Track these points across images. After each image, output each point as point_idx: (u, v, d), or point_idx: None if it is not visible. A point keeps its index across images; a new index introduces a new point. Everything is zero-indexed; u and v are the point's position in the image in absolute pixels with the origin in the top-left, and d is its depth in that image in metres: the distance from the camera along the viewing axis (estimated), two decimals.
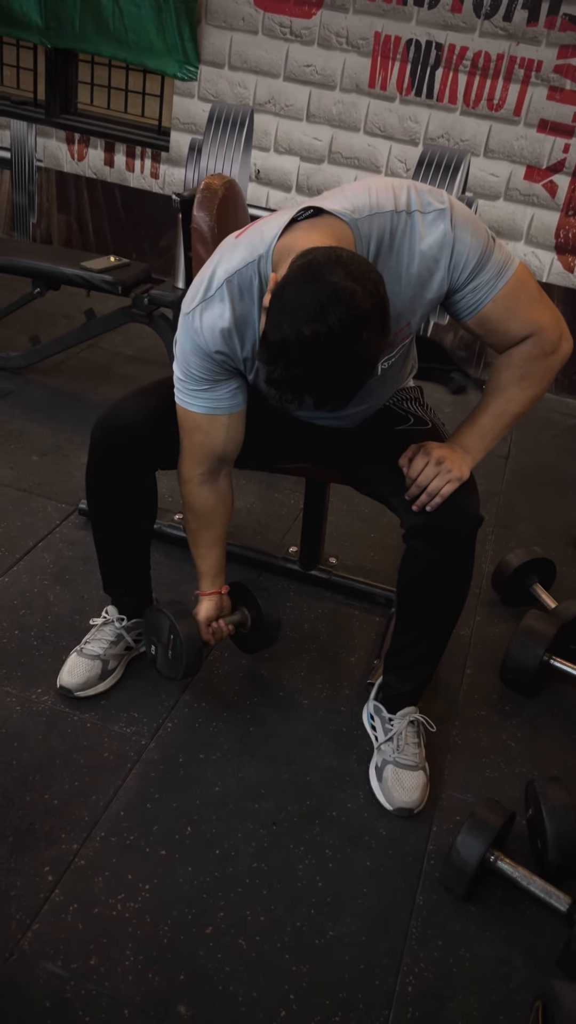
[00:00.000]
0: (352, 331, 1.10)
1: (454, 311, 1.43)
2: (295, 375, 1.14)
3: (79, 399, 2.89)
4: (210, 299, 1.36)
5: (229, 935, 1.33)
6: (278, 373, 1.15)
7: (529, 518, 2.64)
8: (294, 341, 1.11)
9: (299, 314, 1.10)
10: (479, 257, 1.35)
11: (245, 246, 1.35)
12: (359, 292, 1.11)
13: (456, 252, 1.33)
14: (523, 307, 1.42)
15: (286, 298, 1.13)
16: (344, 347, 1.11)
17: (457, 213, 1.33)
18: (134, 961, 1.27)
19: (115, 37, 3.51)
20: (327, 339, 1.10)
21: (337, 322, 1.09)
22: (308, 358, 1.12)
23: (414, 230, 1.31)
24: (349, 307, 1.10)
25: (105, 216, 3.93)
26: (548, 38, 3.07)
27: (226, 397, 1.45)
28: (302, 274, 1.13)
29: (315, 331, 1.09)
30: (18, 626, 1.87)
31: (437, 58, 3.22)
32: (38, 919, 1.30)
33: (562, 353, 1.47)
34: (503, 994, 1.31)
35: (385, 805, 1.57)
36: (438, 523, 1.45)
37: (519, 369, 1.46)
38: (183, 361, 1.43)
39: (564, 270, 3.36)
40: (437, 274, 1.34)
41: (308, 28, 3.32)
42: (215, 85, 3.53)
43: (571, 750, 1.79)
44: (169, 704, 1.73)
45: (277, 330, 1.13)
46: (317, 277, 1.12)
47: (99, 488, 1.61)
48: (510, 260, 1.39)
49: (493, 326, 1.43)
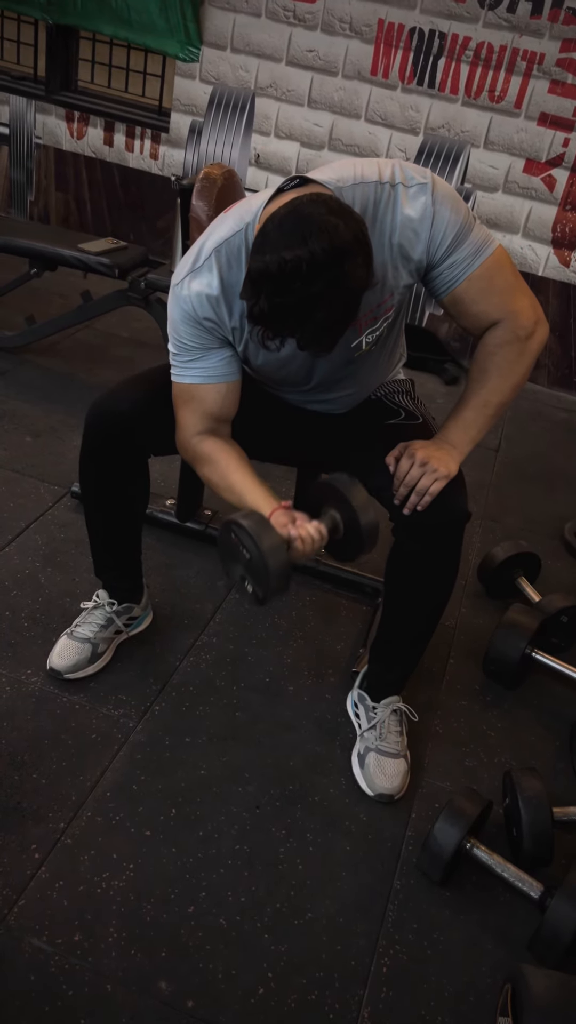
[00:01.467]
0: (333, 260, 1.11)
1: (432, 287, 1.45)
2: (276, 305, 1.14)
3: (73, 380, 2.89)
4: (198, 269, 1.37)
5: (210, 914, 1.37)
6: (260, 305, 1.16)
7: (517, 511, 2.67)
8: (275, 268, 1.12)
9: (281, 243, 1.12)
10: (457, 232, 1.37)
11: (233, 217, 1.38)
12: (341, 225, 1.13)
13: (435, 225, 1.35)
14: (498, 289, 1.44)
15: (267, 231, 1.15)
16: (325, 275, 1.12)
17: (439, 188, 1.35)
18: (117, 937, 1.31)
19: (117, 15, 3.48)
20: (308, 266, 1.11)
21: (319, 249, 1.11)
22: (289, 285, 1.12)
23: (397, 202, 1.34)
24: (331, 237, 1.11)
25: (103, 196, 3.91)
26: (551, 31, 3.06)
27: (220, 365, 1.44)
28: (285, 211, 1.15)
29: (296, 256, 1.10)
30: (9, 608, 1.89)
31: (440, 47, 3.21)
32: (24, 895, 1.34)
33: (538, 338, 1.48)
34: (475, 976, 1.35)
35: (366, 791, 1.61)
36: (426, 518, 1.48)
37: (496, 357, 1.47)
38: (174, 332, 1.43)
39: (560, 264, 3.38)
40: (418, 246, 1.36)
41: (312, 12, 3.31)
42: (217, 67, 3.51)
43: (549, 741, 1.83)
44: (157, 688, 1.76)
45: (259, 260, 1.14)
46: (299, 213, 1.14)
47: (92, 474, 1.62)
48: (489, 240, 1.41)
49: (467, 307, 1.44)
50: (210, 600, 2.03)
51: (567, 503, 2.75)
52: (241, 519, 1.31)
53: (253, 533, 1.28)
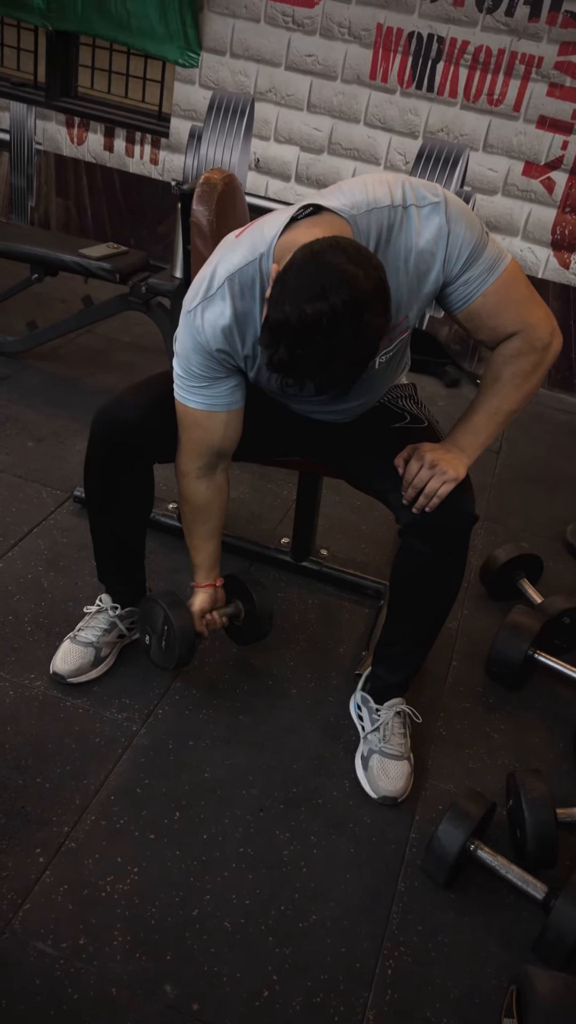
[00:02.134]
0: (354, 312, 1.12)
1: (446, 304, 1.45)
2: (296, 356, 1.15)
3: (75, 385, 2.90)
4: (211, 297, 1.38)
5: (215, 917, 1.37)
6: (279, 355, 1.17)
7: (519, 513, 2.68)
8: (295, 321, 1.12)
9: (301, 295, 1.12)
10: (472, 249, 1.37)
11: (246, 245, 1.37)
12: (361, 275, 1.13)
13: (451, 244, 1.35)
14: (513, 303, 1.44)
15: (288, 281, 1.15)
16: (346, 328, 1.13)
17: (452, 206, 1.35)
18: (122, 941, 1.31)
19: (117, 21, 3.49)
20: (329, 319, 1.12)
21: (340, 303, 1.11)
22: (309, 338, 1.13)
23: (410, 224, 1.34)
24: (351, 288, 1.12)
25: (104, 201, 3.92)
26: (549, 34, 3.07)
27: (225, 394, 1.47)
28: (304, 259, 1.16)
29: (317, 310, 1.11)
30: (12, 612, 1.89)
31: (438, 51, 3.22)
32: (29, 899, 1.34)
33: (553, 350, 1.49)
34: (480, 978, 1.35)
35: (370, 793, 1.61)
36: (433, 521, 1.48)
37: (512, 367, 1.48)
38: (184, 358, 1.45)
39: (560, 266, 3.38)
40: (434, 267, 1.37)
41: (310, 17, 3.32)
42: (216, 72, 3.52)
43: (552, 743, 1.83)
44: (160, 691, 1.76)
45: (279, 311, 1.15)
46: (319, 261, 1.14)
47: (97, 480, 1.63)
48: (502, 255, 1.42)
49: (483, 321, 1.45)
50: None
51: (569, 505, 2.76)
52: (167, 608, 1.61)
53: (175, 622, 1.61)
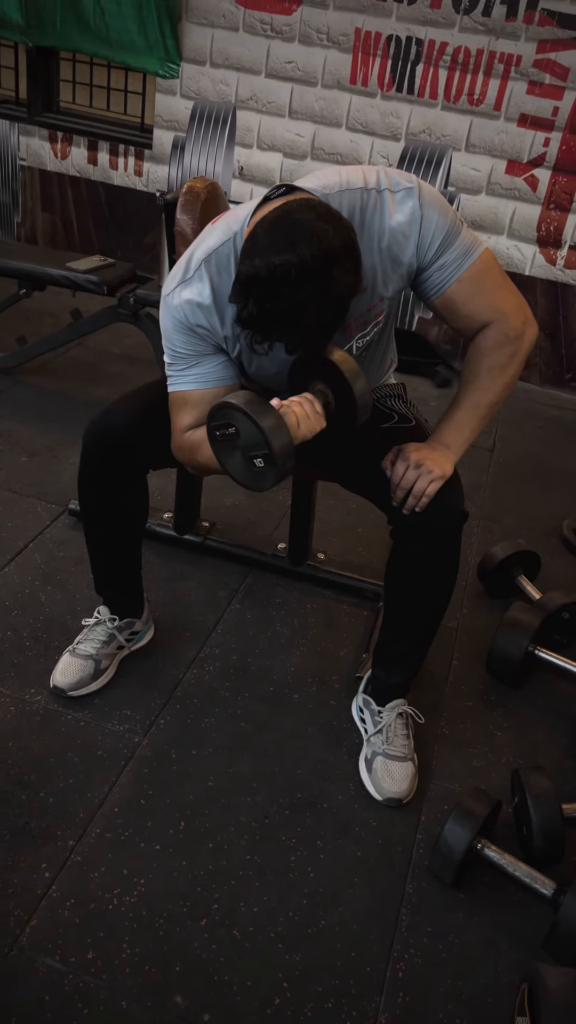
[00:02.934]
0: (322, 266, 1.12)
1: (423, 290, 1.46)
2: (265, 310, 1.15)
3: (67, 399, 2.90)
4: (189, 280, 1.38)
5: (223, 926, 1.36)
6: (248, 309, 1.17)
7: (514, 510, 2.68)
8: (264, 273, 1.13)
9: (269, 248, 1.13)
10: (445, 234, 1.38)
11: (221, 227, 1.39)
12: (330, 231, 1.14)
13: (423, 228, 1.36)
14: (488, 290, 1.45)
15: (256, 236, 1.16)
16: (314, 281, 1.13)
17: (425, 192, 1.37)
18: (131, 954, 1.30)
19: (96, 35, 3.51)
20: (297, 271, 1.12)
21: (308, 255, 1.11)
22: (277, 290, 1.13)
23: (384, 207, 1.35)
24: (320, 243, 1.12)
25: (90, 214, 3.93)
26: (527, 33, 3.09)
27: (216, 370, 1.44)
28: (275, 216, 1.17)
29: (285, 261, 1.11)
30: (10, 627, 1.89)
31: (417, 54, 3.23)
32: (36, 915, 1.33)
33: (528, 339, 1.49)
34: (491, 977, 1.35)
35: (375, 796, 1.61)
36: (424, 520, 1.48)
37: (488, 359, 1.48)
38: (168, 342, 1.44)
39: (546, 263, 3.39)
40: (407, 250, 1.38)
41: (289, 25, 3.33)
42: (197, 82, 3.53)
43: (555, 739, 1.83)
44: (161, 702, 1.76)
45: (248, 264, 1.15)
46: (290, 218, 1.15)
47: (91, 491, 1.63)
48: (476, 242, 1.43)
49: (458, 308, 1.45)
50: (211, 612, 2.03)
51: (564, 501, 2.76)
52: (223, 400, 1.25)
53: (238, 402, 1.23)
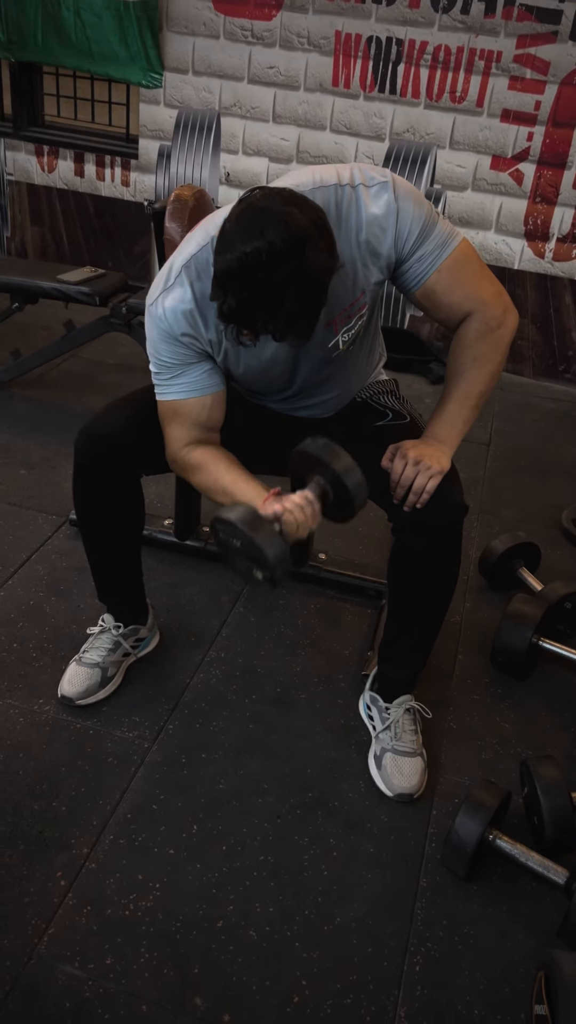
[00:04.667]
0: (292, 246, 1.13)
1: (403, 282, 1.47)
2: (244, 300, 1.16)
3: (63, 410, 2.91)
4: (170, 287, 1.40)
5: (240, 927, 1.37)
6: (228, 303, 1.17)
7: (513, 503, 2.69)
8: (236, 264, 1.14)
9: (239, 239, 1.14)
10: (423, 226, 1.40)
11: (199, 232, 1.41)
12: (296, 212, 1.15)
13: (400, 220, 1.38)
14: (467, 279, 1.46)
15: (227, 232, 1.18)
16: (286, 263, 1.13)
17: (399, 185, 1.38)
18: (149, 958, 1.31)
19: (78, 48, 3.53)
20: (268, 255, 1.12)
21: (277, 239, 1.12)
22: (253, 279, 1.14)
23: (359, 201, 1.36)
24: (287, 225, 1.13)
25: (78, 226, 3.95)
26: (506, 28, 3.10)
27: (202, 378, 1.45)
28: (241, 209, 1.18)
29: (256, 248, 1.12)
30: (16, 639, 1.90)
31: (398, 54, 3.25)
32: (53, 923, 1.34)
33: (509, 326, 1.50)
34: (507, 967, 1.36)
35: (385, 792, 1.61)
36: (425, 515, 1.49)
37: (472, 349, 1.49)
38: (153, 351, 1.45)
39: (535, 256, 3.41)
40: (384, 242, 1.39)
41: (269, 30, 3.35)
42: (180, 91, 3.55)
43: (562, 729, 1.84)
44: (169, 707, 1.77)
45: (221, 260, 1.16)
46: (255, 208, 1.16)
47: (86, 498, 1.64)
48: (453, 233, 1.44)
49: (439, 298, 1.47)
50: (215, 616, 2.04)
51: (562, 492, 2.77)
52: (222, 513, 1.29)
53: (237, 521, 1.26)
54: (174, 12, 3.42)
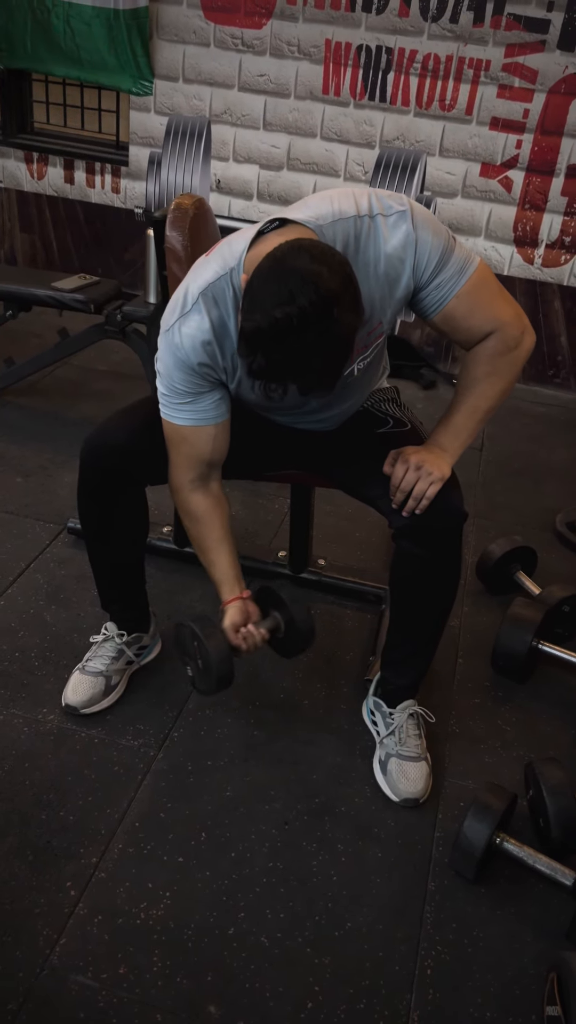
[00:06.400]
0: (322, 309, 1.14)
1: (420, 308, 1.48)
2: (274, 361, 1.18)
3: (57, 417, 2.91)
4: (187, 314, 1.40)
5: (251, 934, 1.37)
6: (258, 362, 1.19)
7: (507, 507, 2.71)
8: (267, 327, 1.15)
9: (269, 301, 1.15)
10: (441, 255, 1.40)
11: (216, 261, 1.40)
12: (325, 272, 1.15)
13: (419, 251, 1.38)
14: (486, 303, 1.48)
15: (255, 290, 1.18)
16: (317, 326, 1.15)
17: (417, 214, 1.39)
18: (162, 967, 1.31)
19: (68, 56, 3.53)
20: (299, 320, 1.14)
21: (307, 303, 1.13)
22: (283, 342, 1.16)
23: (378, 232, 1.37)
24: (317, 287, 1.14)
25: (68, 233, 3.94)
26: (494, 38, 3.14)
27: (210, 408, 1.48)
28: (268, 265, 1.19)
29: (286, 313, 1.14)
30: (18, 648, 1.89)
31: (388, 62, 3.27)
32: (64, 934, 1.34)
33: (525, 347, 1.53)
34: (518, 969, 1.37)
35: (391, 797, 1.62)
36: (425, 522, 1.50)
37: (486, 365, 1.51)
38: (166, 376, 1.46)
39: (524, 262, 3.44)
40: (404, 274, 1.40)
41: (259, 38, 3.36)
42: (170, 98, 3.56)
43: (563, 730, 1.86)
44: (173, 714, 1.77)
45: (250, 320, 1.17)
46: (283, 266, 1.17)
47: (91, 508, 1.64)
48: (471, 258, 1.45)
49: (458, 323, 1.48)
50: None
51: (554, 495, 2.80)
52: (196, 627, 1.52)
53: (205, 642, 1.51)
54: (164, 20, 3.43)
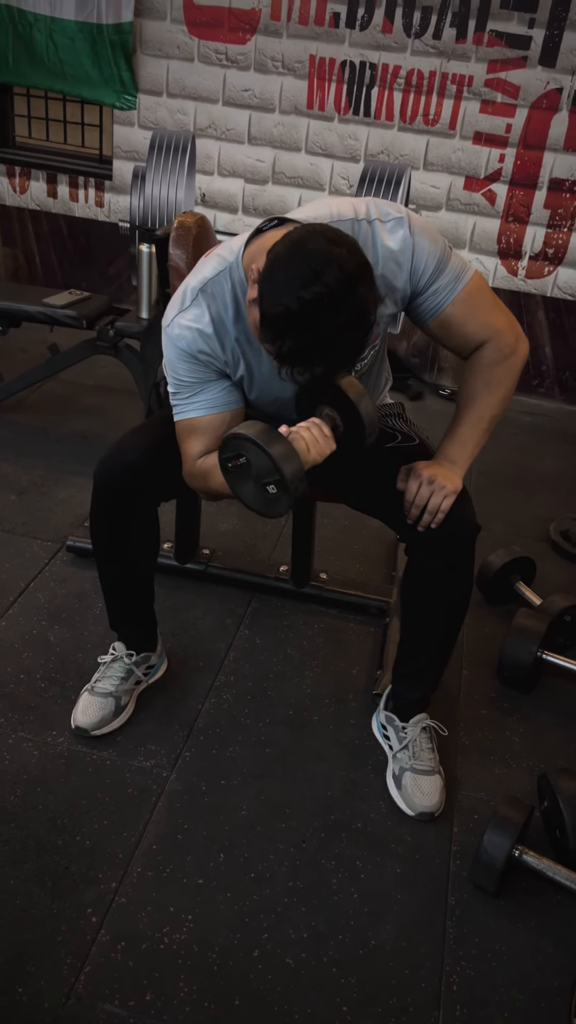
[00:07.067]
0: (348, 288, 1.17)
1: (417, 314, 1.50)
2: (305, 342, 1.19)
3: (48, 434, 2.88)
4: (187, 308, 1.42)
5: (276, 955, 1.37)
6: (287, 346, 1.20)
7: (501, 517, 2.73)
8: (296, 309, 1.16)
9: (295, 283, 1.16)
10: (437, 261, 1.43)
11: (215, 258, 1.42)
12: (344, 253, 1.18)
13: (416, 256, 1.41)
14: (481, 310, 1.50)
15: (277, 275, 1.19)
16: (345, 304, 1.17)
17: (415, 221, 1.41)
18: (188, 992, 1.30)
19: (51, 70, 3.51)
20: (329, 299, 1.16)
21: (334, 280, 1.16)
22: (315, 321, 1.17)
23: (376, 236, 1.39)
24: (341, 267, 1.16)
25: (51, 247, 3.92)
26: (477, 54, 3.18)
27: (222, 395, 1.47)
28: (287, 250, 1.20)
29: (316, 294, 1.15)
30: (23, 670, 1.87)
31: (372, 77, 3.30)
32: (88, 961, 1.32)
33: (520, 354, 1.55)
34: (543, 981, 1.37)
35: (407, 811, 1.62)
36: (439, 535, 1.51)
37: (485, 375, 1.53)
38: (171, 371, 1.46)
39: (508, 274, 3.48)
40: (400, 278, 1.42)
41: (243, 54, 3.38)
42: (154, 113, 3.56)
43: (570, 740, 1.87)
44: (184, 734, 1.76)
45: (276, 303, 1.18)
46: (302, 249, 1.19)
47: (104, 528, 1.63)
48: (466, 266, 1.48)
49: (453, 329, 1.50)
50: (222, 640, 2.03)
51: (547, 504, 2.83)
52: (235, 429, 1.30)
53: (251, 435, 1.27)
54: (148, 35, 3.44)
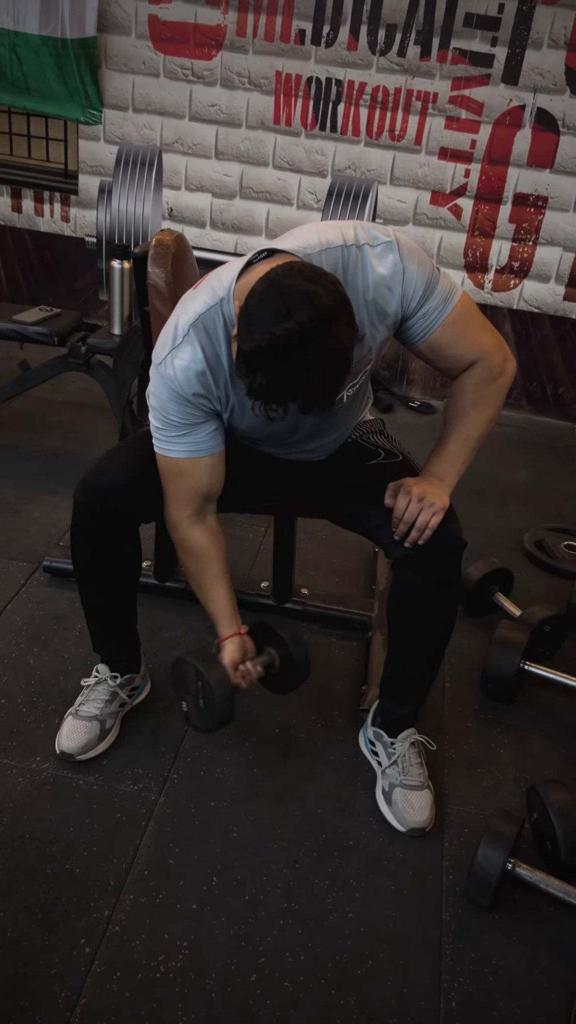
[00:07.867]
0: (320, 326, 1.16)
1: (406, 337, 1.51)
2: (275, 379, 1.19)
3: (19, 452, 2.84)
4: (179, 346, 1.40)
5: (274, 979, 1.35)
6: (258, 381, 1.20)
7: (475, 528, 2.74)
8: (267, 345, 1.16)
9: (266, 320, 1.16)
10: (427, 284, 1.44)
11: (205, 292, 1.41)
12: (320, 291, 1.18)
13: (406, 279, 1.41)
14: (470, 332, 1.51)
15: (252, 311, 1.19)
16: (316, 342, 1.17)
17: (403, 245, 1.42)
18: (187, 1020, 1.28)
19: (14, 85, 3.48)
20: (299, 336, 1.15)
21: (305, 318, 1.15)
22: (284, 359, 1.17)
23: (366, 262, 1.39)
24: (314, 304, 1.16)
25: (16, 261, 3.88)
26: (441, 71, 3.23)
27: (206, 439, 1.48)
28: (263, 287, 1.20)
29: (286, 330, 1.15)
30: (3, 695, 1.83)
31: (338, 94, 3.33)
32: (84, 993, 1.29)
33: (508, 374, 1.57)
34: (540, 993, 1.38)
35: (398, 827, 1.62)
36: (426, 551, 1.52)
37: (473, 394, 1.55)
38: (160, 410, 1.45)
39: (475, 287, 3.53)
40: (391, 302, 1.42)
41: (209, 69, 3.39)
42: (120, 128, 3.55)
43: (554, 749, 1.89)
44: (171, 756, 1.73)
45: (249, 340, 1.18)
46: (278, 286, 1.19)
47: (86, 550, 1.60)
48: (454, 288, 1.49)
49: (443, 351, 1.51)
50: None
51: (520, 515, 2.86)
52: (200, 665, 1.51)
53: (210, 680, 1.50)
54: (113, 50, 3.43)
